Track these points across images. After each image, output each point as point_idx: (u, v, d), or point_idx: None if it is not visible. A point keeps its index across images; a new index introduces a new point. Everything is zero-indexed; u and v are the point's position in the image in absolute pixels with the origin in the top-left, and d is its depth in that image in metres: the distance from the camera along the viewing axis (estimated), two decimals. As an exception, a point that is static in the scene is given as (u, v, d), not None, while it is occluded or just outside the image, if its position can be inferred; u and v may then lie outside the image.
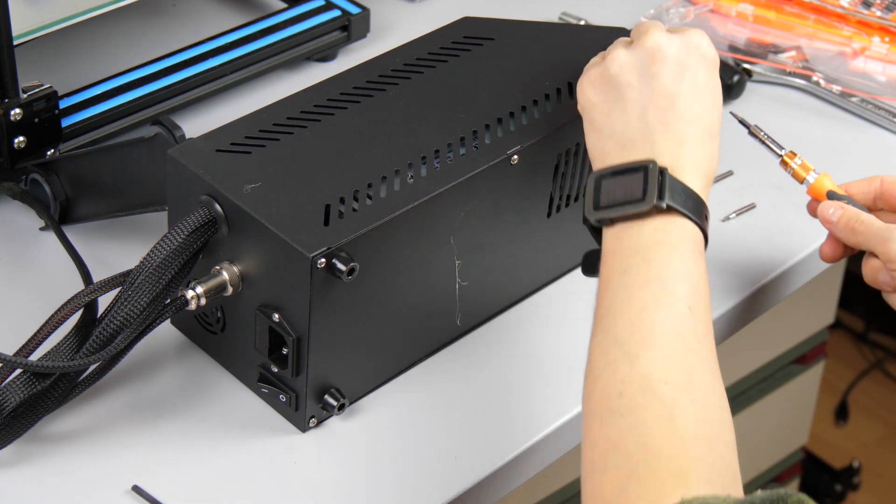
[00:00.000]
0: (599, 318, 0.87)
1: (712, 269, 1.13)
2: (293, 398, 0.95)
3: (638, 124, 0.92)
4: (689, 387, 0.81)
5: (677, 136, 0.91)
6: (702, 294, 0.87)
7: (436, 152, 0.97)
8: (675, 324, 0.84)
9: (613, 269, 0.88)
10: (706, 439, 0.79)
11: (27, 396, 0.92)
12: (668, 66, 0.92)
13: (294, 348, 0.93)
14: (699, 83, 0.93)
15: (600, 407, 0.82)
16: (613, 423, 0.80)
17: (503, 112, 1.01)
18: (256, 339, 0.95)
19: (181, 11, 1.37)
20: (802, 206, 1.20)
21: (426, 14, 1.36)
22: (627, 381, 0.81)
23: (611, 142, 0.93)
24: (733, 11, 1.38)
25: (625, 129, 0.92)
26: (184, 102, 1.22)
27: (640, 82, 0.93)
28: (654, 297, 0.85)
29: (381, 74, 1.04)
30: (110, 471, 0.94)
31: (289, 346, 0.93)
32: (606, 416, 0.81)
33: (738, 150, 1.26)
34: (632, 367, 0.82)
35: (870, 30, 1.36)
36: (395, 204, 0.93)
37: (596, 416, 0.81)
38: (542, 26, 1.11)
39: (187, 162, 0.94)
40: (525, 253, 1.06)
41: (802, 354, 1.66)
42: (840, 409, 2.30)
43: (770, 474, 1.76)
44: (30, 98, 1.09)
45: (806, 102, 1.33)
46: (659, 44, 0.93)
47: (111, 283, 0.95)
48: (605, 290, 0.88)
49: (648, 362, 0.82)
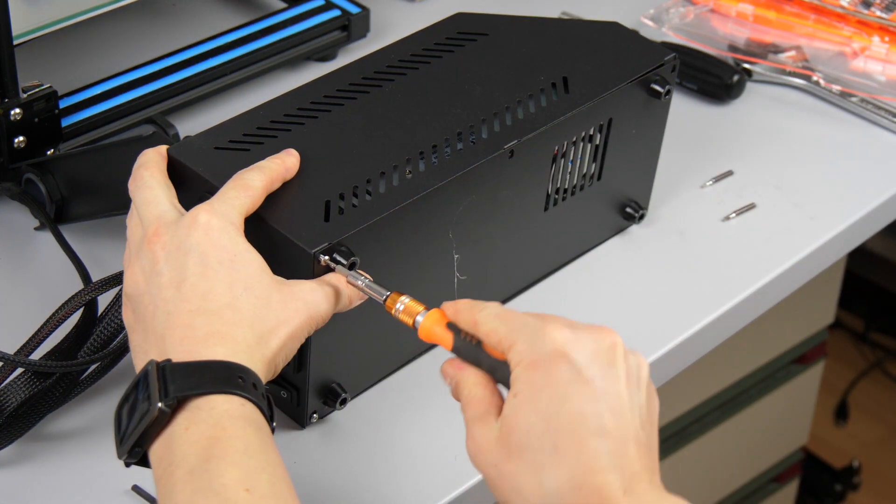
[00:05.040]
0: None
1: (713, 269, 1.14)
2: (294, 394, 0.96)
3: (152, 326, 0.83)
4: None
5: (184, 319, 0.82)
6: (262, 468, 0.77)
7: (433, 147, 0.98)
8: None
9: (164, 495, 0.77)
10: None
11: (28, 396, 0.92)
12: (170, 257, 0.84)
13: (295, 345, 0.93)
14: (207, 261, 0.84)
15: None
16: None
17: (499, 107, 1.01)
18: (256, 338, 0.95)
19: (181, 11, 1.37)
20: (802, 206, 1.21)
21: (426, 13, 1.37)
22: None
23: (138, 358, 0.84)
24: (733, 11, 1.38)
25: (145, 338, 0.84)
26: (184, 102, 1.22)
27: (148, 284, 0.85)
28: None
29: (377, 71, 1.04)
30: (110, 470, 0.94)
31: (290, 343, 0.93)
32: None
33: (739, 150, 1.26)
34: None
35: (870, 30, 1.36)
36: (393, 199, 0.94)
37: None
38: (536, 21, 1.11)
39: (186, 160, 0.94)
40: (523, 247, 1.06)
41: (802, 354, 1.66)
42: (840, 409, 2.31)
43: (770, 474, 1.76)
44: (30, 98, 1.09)
45: (806, 102, 1.33)
46: (162, 235, 0.85)
47: (111, 281, 0.95)
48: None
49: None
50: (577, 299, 1.10)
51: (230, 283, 0.84)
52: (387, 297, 0.86)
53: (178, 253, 0.84)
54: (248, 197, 0.88)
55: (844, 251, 1.22)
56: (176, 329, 0.82)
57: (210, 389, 0.79)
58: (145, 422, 0.78)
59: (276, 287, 0.85)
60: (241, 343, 0.82)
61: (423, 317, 0.84)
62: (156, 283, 0.84)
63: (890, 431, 2.30)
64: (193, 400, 0.79)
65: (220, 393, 0.79)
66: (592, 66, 1.07)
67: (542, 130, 1.01)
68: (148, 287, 0.84)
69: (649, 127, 1.12)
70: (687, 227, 1.17)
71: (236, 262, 0.84)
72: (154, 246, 0.85)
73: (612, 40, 1.10)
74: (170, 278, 0.84)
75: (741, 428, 1.61)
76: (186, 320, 0.82)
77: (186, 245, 0.84)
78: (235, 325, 0.82)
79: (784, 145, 1.27)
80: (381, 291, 0.87)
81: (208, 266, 0.84)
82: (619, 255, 1.14)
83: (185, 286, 0.83)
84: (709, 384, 1.54)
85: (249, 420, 0.79)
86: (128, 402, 0.81)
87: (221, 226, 0.85)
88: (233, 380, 0.79)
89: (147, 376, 0.80)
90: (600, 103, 1.05)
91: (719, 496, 1.69)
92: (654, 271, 1.13)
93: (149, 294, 0.84)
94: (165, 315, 0.83)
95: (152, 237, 0.85)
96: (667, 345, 1.07)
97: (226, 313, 0.83)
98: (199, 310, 0.82)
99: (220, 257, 0.84)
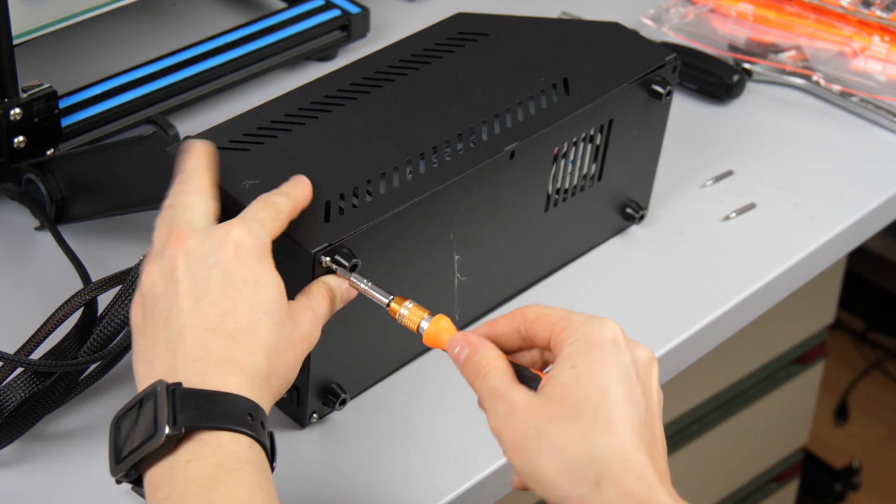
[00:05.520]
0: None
1: (713, 269, 1.14)
2: (294, 394, 0.96)
3: (163, 336, 0.80)
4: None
5: (199, 337, 0.79)
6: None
7: (433, 149, 0.98)
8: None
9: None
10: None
11: (28, 395, 0.92)
12: (193, 266, 0.81)
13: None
14: (232, 279, 0.81)
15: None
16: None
17: (499, 108, 1.01)
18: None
19: (181, 11, 1.37)
20: (802, 206, 1.21)
21: (426, 14, 1.36)
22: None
23: (142, 367, 0.81)
24: (733, 11, 1.38)
25: (153, 346, 0.80)
26: (184, 102, 1.22)
27: (165, 290, 0.81)
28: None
29: (378, 71, 1.04)
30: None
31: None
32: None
33: (739, 150, 1.26)
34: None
35: (870, 30, 1.36)
36: (394, 200, 0.93)
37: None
38: (536, 21, 1.11)
39: (187, 160, 0.94)
40: (523, 247, 1.06)
41: (802, 354, 1.66)
42: (840, 409, 2.31)
43: (770, 474, 1.76)
44: (30, 98, 1.09)
45: (806, 102, 1.33)
46: (188, 243, 0.82)
47: (111, 281, 0.95)
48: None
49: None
50: (577, 299, 1.10)
51: (251, 306, 0.81)
52: (390, 300, 0.86)
53: (202, 264, 0.81)
54: (278, 220, 0.86)
55: (844, 251, 1.22)
56: (189, 346, 0.79)
57: (220, 425, 0.76)
58: (148, 447, 0.76)
59: (289, 314, 0.83)
60: (254, 375, 0.79)
61: (428, 322, 0.84)
62: (173, 289, 0.81)
63: (890, 431, 2.30)
64: (201, 432, 0.76)
65: (230, 430, 0.76)
66: (593, 67, 1.07)
67: (542, 132, 1.01)
68: (164, 291, 0.81)
69: (650, 127, 1.12)
70: (687, 227, 1.17)
71: (260, 285, 0.82)
72: (177, 250, 0.82)
73: (613, 40, 1.10)
74: (189, 288, 0.81)
75: (741, 428, 1.61)
76: (202, 339, 0.79)
77: (213, 258, 0.81)
78: (251, 352, 0.80)
79: (784, 145, 1.27)
80: (384, 295, 0.86)
81: (232, 284, 0.81)
82: (619, 255, 1.14)
83: (204, 301, 0.80)
84: (709, 384, 1.54)
85: (255, 464, 0.76)
86: (128, 417, 0.78)
87: (252, 245, 0.83)
88: (243, 418, 0.77)
89: (156, 397, 0.77)
90: (601, 104, 1.05)
91: (719, 496, 1.69)
92: (654, 271, 1.13)
93: (165, 299, 0.81)
94: (179, 327, 0.79)
95: (177, 241, 0.82)
96: (667, 345, 1.07)
97: (243, 337, 0.80)
98: (217, 330, 0.79)
99: (245, 277, 0.81)
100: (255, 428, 0.77)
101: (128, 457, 0.77)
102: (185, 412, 0.76)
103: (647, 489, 0.74)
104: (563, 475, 0.75)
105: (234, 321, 0.80)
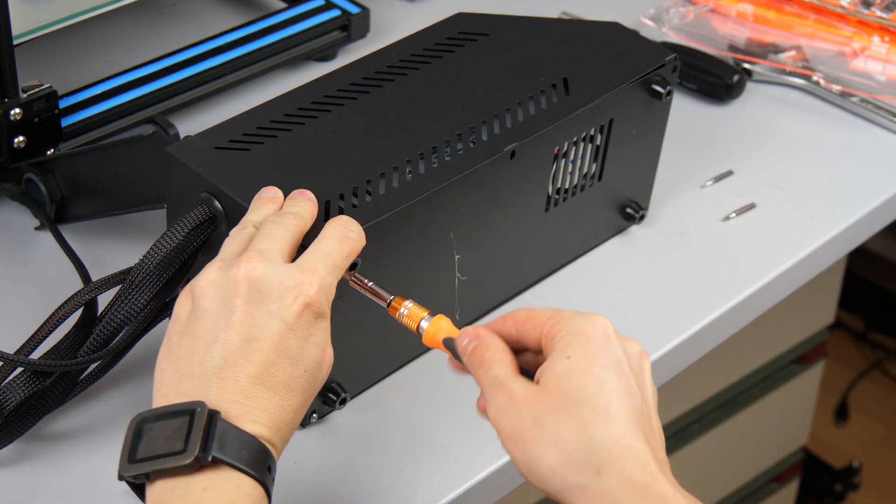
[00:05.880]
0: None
1: (713, 269, 1.14)
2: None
3: (202, 358, 0.79)
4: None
5: (240, 381, 0.78)
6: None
7: (433, 148, 0.98)
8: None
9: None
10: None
11: (28, 395, 0.92)
12: (253, 304, 0.80)
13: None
14: (287, 333, 0.80)
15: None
16: None
17: (499, 108, 1.01)
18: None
19: (181, 11, 1.37)
20: (802, 206, 1.21)
21: (426, 13, 1.37)
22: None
23: (169, 369, 0.80)
24: (733, 11, 1.38)
25: (189, 359, 0.80)
26: (184, 102, 1.22)
27: (217, 311, 0.80)
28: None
29: (377, 71, 1.04)
30: (110, 470, 0.93)
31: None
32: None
33: (739, 150, 1.26)
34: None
35: (870, 30, 1.36)
36: (394, 200, 0.93)
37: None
38: (536, 21, 1.11)
39: (186, 159, 0.94)
40: (523, 247, 1.06)
41: (802, 354, 1.66)
42: (840, 409, 2.31)
43: (770, 474, 1.76)
44: (30, 98, 1.09)
45: (806, 102, 1.33)
46: (257, 275, 0.80)
47: (111, 281, 0.95)
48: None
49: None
50: (577, 299, 1.10)
51: (294, 362, 0.80)
52: (391, 300, 0.86)
53: (261, 308, 0.80)
54: (336, 278, 0.84)
55: (844, 251, 1.22)
56: (228, 386, 0.78)
57: (245, 469, 0.76)
58: (172, 462, 0.75)
59: (319, 368, 0.83)
60: (281, 430, 0.80)
61: (428, 322, 0.84)
62: (225, 316, 0.80)
63: (890, 431, 2.30)
64: (226, 467, 0.76)
65: (252, 476, 0.77)
66: (593, 67, 1.07)
67: (542, 132, 1.01)
68: (217, 312, 0.80)
69: (650, 127, 1.12)
70: (687, 227, 1.17)
71: (308, 344, 0.81)
72: (241, 278, 0.80)
73: (613, 40, 1.10)
74: (241, 324, 0.79)
75: (741, 428, 1.61)
76: (242, 385, 0.78)
77: (275, 306, 0.80)
78: (284, 409, 0.79)
79: (784, 145, 1.27)
80: (384, 295, 0.86)
81: (284, 341, 0.80)
82: (619, 255, 1.14)
83: (252, 346, 0.79)
84: (709, 384, 1.54)
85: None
86: (156, 422, 0.78)
87: (317, 309, 0.81)
88: (264, 467, 0.77)
89: (193, 417, 0.76)
90: (601, 104, 1.05)
91: (719, 496, 1.69)
92: (654, 271, 1.13)
93: (214, 320, 0.80)
94: (221, 360, 0.79)
95: (247, 263, 0.81)
96: (667, 345, 1.07)
97: (280, 392, 0.79)
98: (258, 380, 0.79)
99: (299, 335, 0.80)
100: (269, 478, 0.78)
101: (144, 461, 0.77)
102: (218, 442, 0.76)
103: (648, 477, 0.74)
104: (562, 465, 0.75)
105: (277, 374, 0.80)
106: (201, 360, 0.79)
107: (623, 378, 0.77)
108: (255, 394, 0.78)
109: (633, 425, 0.75)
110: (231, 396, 0.78)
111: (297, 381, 0.80)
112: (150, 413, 0.79)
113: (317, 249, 0.84)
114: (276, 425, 0.79)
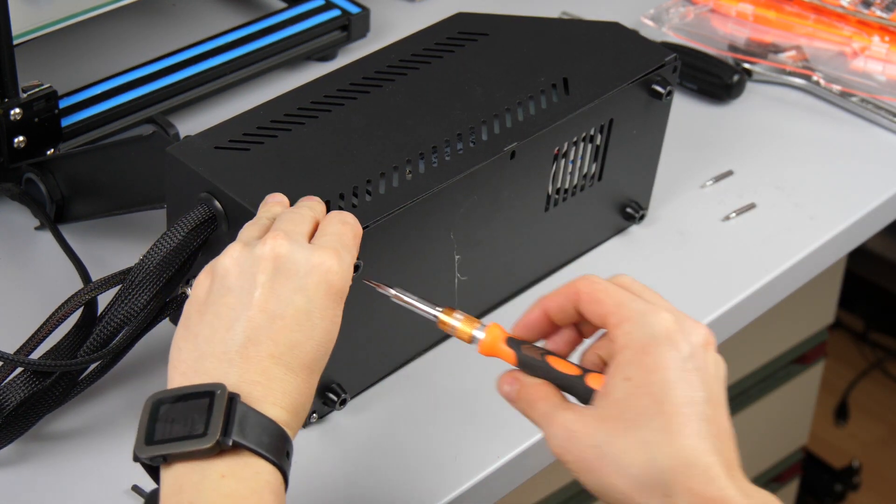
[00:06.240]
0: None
1: (713, 269, 1.14)
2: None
3: (224, 336, 0.78)
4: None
5: (263, 361, 0.77)
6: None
7: (433, 149, 0.98)
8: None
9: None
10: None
11: (28, 395, 0.92)
12: (279, 280, 0.79)
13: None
14: (312, 310, 0.79)
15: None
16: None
17: (499, 108, 1.01)
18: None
19: (181, 11, 1.37)
20: (802, 206, 1.21)
21: (426, 13, 1.36)
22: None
23: (188, 347, 0.79)
24: (733, 11, 1.38)
25: (210, 338, 0.78)
26: (184, 102, 1.22)
27: (241, 288, 0.79)
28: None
29: (377, 71, 1.04)
30: (110, 470, 0.94)
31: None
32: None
33: (739, 150, 1.26)
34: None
35: (870, 30, 1.36)
36: (394, 200, 0.93)
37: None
38: (536, 21, 1.11)
39: (186, 159, 0.94)
40: (523, 247, 1.06)
41: (802, 354, 1.66)
42: (840, 409, 2.31)
43: (770, 474, 1.76)
44: (30, 98, 1.09)
45: (806, 102, 1.33)
46: (282, 252, 0.80)
47: (111, 281, 0.95)
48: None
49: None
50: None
51: (319, 343, 0.79)
52: (440, 312, 0.84)
53: (286, 284, 0.79)
54: (352, 258, 0.84)
55: (844, 251, 1.22)
56: (251, 364, 0.77)
57: (265, 454, 0.75)
58: (191, 446, 0.74)
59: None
60: (298, 413, 0.79)
61: (483, 332, 0.82)
62: (248, 293, 0.79)
63: (890, 431, 2.30)
64: (246, 453, 0.75)
65: (271, 462, 0.75)
66: (593, 67, 1.07)
67: (542, 132, 1.01)
68: (240, 289, 0.79)
69: (650, 127, 1.12)
70: (687, 227, 1.17)
71: (330, 324, 0.80)
72: (267, 255, 0.80)
73: (613, 40, 1.10)
74: (264, 300, 0.78)
75: (741, 428, 1.60)
76: (266, 365, 0.77)
77: (300, 282, 0.80)
78: (303, 392, 0.79)
79: (784, 145, 1.27)
80: (432, 308, 0.85)
81: (310, 318, 0.79)
82: (619, 255, 1.14)
83: (277, 324, 0.78)
84: (709, 384, 1.53)
85: (280, 499, 0.76)
86: (175, 404, 0.76)
87: (340, 286, 0.81)
88: (283, 453, 0.76)
89: (213, 399, 0.75)
90: (601, 104, 1.05)
91: (719, 496, 1.69)
92: (654, 271, 1.13)
93: (237, 298, 0.79)
94: (245, 338, 0.78)
95: (272, 240, 0.80)
96: (667, 345, 1.07)
97: (302, 374, 0.79)
98: (281, 360, 0.78)
99: (324, 314, 0.80)
100: (288, 465, 0.77)
101: (162, 443, 0.75)
102: (239, 426, 0.75)
103: (716, 490, 0.74)
104: (633, 490, 0.75)
105: (301, 355, 0.79)
106: (223, 339, 0.78)
107: (685, 384, 0.76)
108: (276, 374, 0.77)
109: (696, 437, 0.75)
110: (252, 377, 0.77)
111: (317, 363, 0.80)
112: (167, 394, 0.77)
113: (326, 233, 0.84)
114: (295, 408, 0.78)
